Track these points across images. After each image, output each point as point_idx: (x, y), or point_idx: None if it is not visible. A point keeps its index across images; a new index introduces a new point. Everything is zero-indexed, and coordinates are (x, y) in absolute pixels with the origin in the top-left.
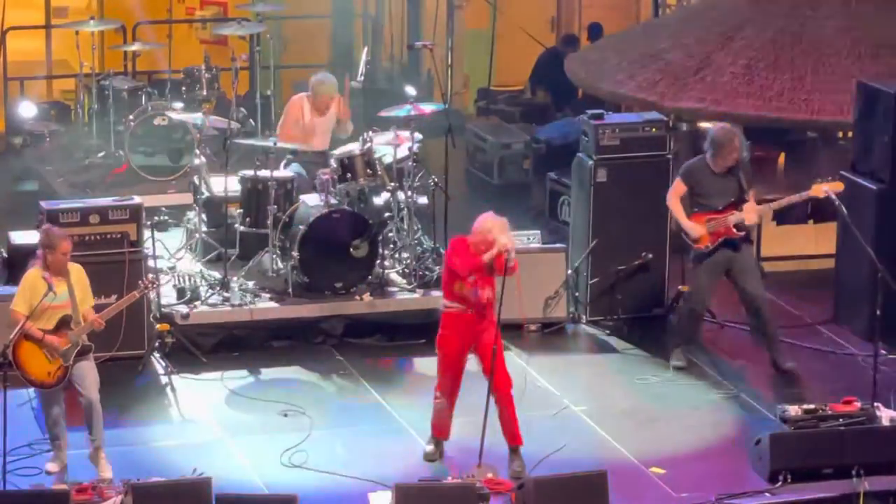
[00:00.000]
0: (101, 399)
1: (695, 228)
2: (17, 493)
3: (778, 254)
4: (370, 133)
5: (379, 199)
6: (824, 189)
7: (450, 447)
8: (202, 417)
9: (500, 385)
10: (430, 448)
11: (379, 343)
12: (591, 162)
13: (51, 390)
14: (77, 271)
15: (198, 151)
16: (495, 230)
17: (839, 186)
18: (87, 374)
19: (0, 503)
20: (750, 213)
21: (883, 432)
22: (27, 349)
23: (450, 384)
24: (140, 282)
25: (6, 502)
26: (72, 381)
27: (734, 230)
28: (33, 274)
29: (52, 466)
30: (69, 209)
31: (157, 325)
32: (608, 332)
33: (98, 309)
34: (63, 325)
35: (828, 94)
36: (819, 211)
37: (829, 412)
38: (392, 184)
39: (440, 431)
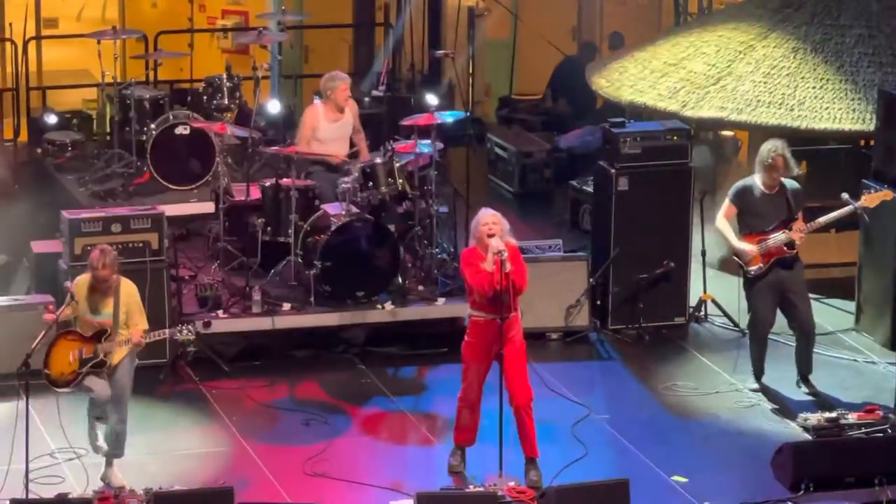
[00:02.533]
0: None
1: (747, 249)
2: (39, 501)
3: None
4: (391, 142)
5: (400, 208)
6: (876, 199)
7: (471, 455)
8: (224, 426)
9: (519, 397)
10: (454, 461)
11: (401, 352)
12: (612, 170)
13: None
14: (128, 294)
15: (219, 160)
16: (481, 227)
17: (888, 195)
18: (122, 395)
19: None
20: (800, 231)
21: None
22: (60, 346)
23: (474, 392)
24: (186, 328)
25: None
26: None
27: (786, 249)
28: (82, 280)
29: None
30: (91, 218)
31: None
32: (630, 340)
33: None
34: (97, 336)
35: (849, 103)
36: (841, 219)
37: (851, 420)
38: (413, 192)
39: (463, 439)
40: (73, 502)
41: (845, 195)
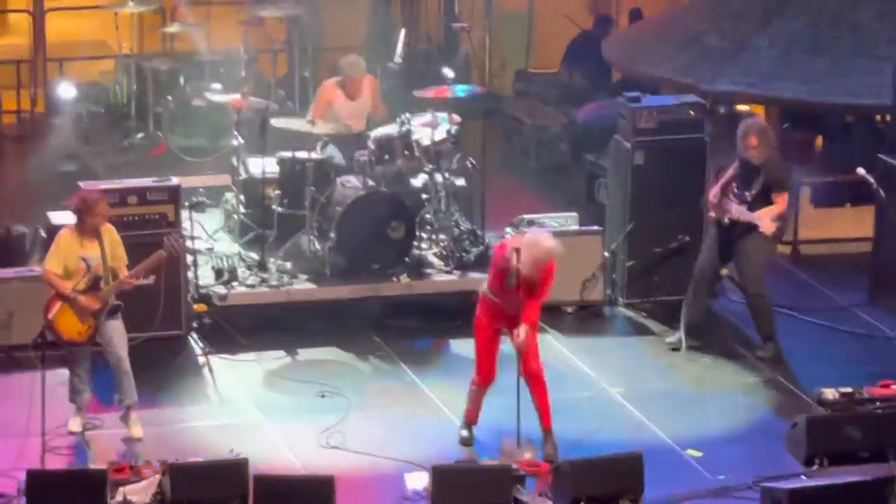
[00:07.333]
0: (139, 378)
1: (710, 193)
2: (55, 472)
3: (815, 237)
4: (407, 115)
5: (416, 181)
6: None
7: (486, 429)
8: (239, 398)
9: (531, 368)
10: (465, 433)
11: (416, 324)
12: (628, 144)
13: (80, 349)
14: (109, 232)
15: (236, 132)
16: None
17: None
18: (115, 334)
19: (39, 482)
20: (762, 217)
21: None
22: (60, 309)
23: (484, 367)
24: (165, 239)
25: (45, 481)
26: (98, 341)
27: (726, 220)
28: (66, 234)
29: (74, 425)
30: (108, 190)
31: (195, 306)
32: (645, 314)
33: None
34: (94, 285)
35: (866, 77)
36: (856, 194)
37: (866, 395)
38: (430, 165)
39: (471, 416)
40: (89, 473)
41: (861, 170)
